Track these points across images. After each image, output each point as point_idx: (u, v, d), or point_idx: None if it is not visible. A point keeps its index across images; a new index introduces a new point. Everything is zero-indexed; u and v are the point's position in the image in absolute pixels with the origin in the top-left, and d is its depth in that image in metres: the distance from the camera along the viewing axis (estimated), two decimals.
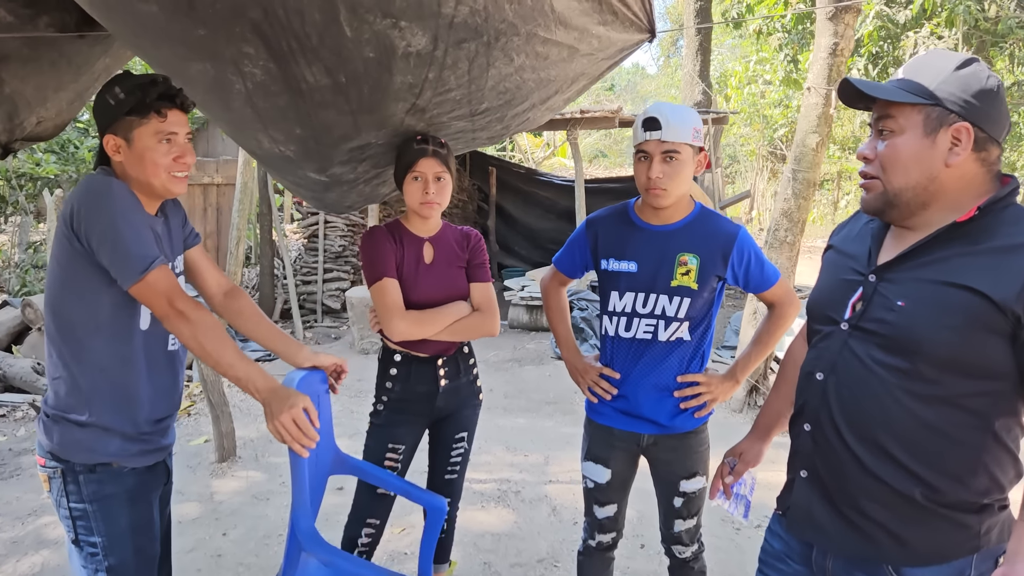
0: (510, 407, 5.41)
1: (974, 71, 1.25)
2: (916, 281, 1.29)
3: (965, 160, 1.25)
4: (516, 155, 16.88)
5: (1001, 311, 1.18)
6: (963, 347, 1.22)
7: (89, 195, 1.65)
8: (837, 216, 18.09)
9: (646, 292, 2.00)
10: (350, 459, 2.22)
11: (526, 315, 8.04)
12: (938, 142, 1.25)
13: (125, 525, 1.75)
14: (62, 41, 2.78)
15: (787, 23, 10.29)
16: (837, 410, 1.37)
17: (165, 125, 1.72)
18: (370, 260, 2.22)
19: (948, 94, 1.24)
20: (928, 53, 1.31)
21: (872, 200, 1.34)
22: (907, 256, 1.31)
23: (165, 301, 1.63)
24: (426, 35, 1.78)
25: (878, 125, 1.31)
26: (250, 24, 1.70)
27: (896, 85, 1.29)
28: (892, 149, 1.28)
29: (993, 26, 9.58)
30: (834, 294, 1.44)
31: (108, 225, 1.62)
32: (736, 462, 1.81)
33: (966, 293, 1.21)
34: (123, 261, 1.62)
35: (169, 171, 1.74)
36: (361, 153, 2.25)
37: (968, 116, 1.23)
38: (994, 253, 1.21)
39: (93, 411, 1.71)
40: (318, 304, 8.67)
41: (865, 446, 1.32)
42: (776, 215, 4.99)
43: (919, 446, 1.27)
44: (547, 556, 3.14)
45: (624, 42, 2.37)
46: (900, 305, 1.29)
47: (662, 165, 1.91)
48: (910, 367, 1.26)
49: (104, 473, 1.72)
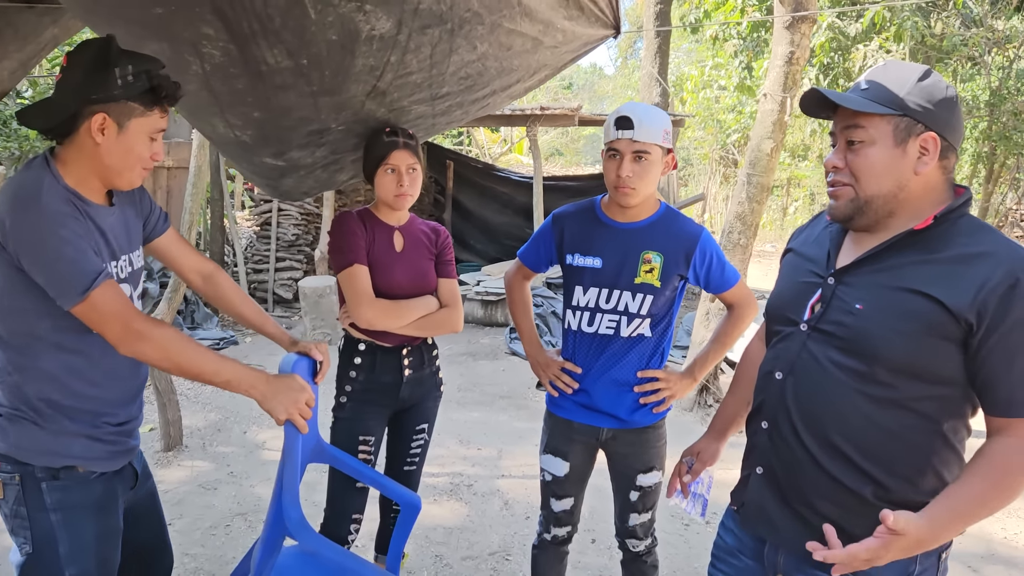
0: (464, 401, 5.40)
1: (935, 81, 1.29)
2: (874, 286, 1.32)
3: (931, 169, 1.29)
4: (473, 150, 16.83)
5: (955, 318, 1.22)
6: (917, 352, 1.25)
7: (16, 205, 1.46)
8: (786, 222, 18.51)
9: (610, 288, 2.02)
10: (330, 449, 2.17)
11: (481, 310, 8.02)
12: (908, 152, 1.28)
13: (91, 535, 1.62)
14: (8, 11, 2.67)
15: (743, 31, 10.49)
16: (794, 409, 1.40)
17: (161, 123, 1.60)
18: (339, 246, 2.18)
19: (915, 104, 1.26)
20: (888, 64, 1.34)
21: (843, 207, 1.35)
22: (865, 260, 1.34)
23: (117, 323, 1.47)
24: (390, 19, 1.76)
25: (846, 135, 1.32)
26: (210, 5, 1.65)
27: (861, 95, 1.30)
28: (865, 159, 1.30)
29: (939, 42, 9.93)
30: (793, 296, 1.46)
31: (39, 241, 1.44)
32: (694, 461, 1.82)
33: (923, 300, 1.24)
34: (60, 280, 1.46)
35: (143, 166, 1.61)
36: (320, 138, 2.22)
37: (933, 126, 1.27)
38: (950, 262, 1.25)
39: (45, 416, 1.56)
40: (269, 293, 8.50)
41: (820, 445, 1.35)
42: (730, 218, 5.07)
43: (872, 446, 1.31)
44: (499, 549, 3.14)
45: (589, 37, 2.38)
46: (858, 308, 1.32)
47: (632, 164, 1.92)
48: (866, 369, 1.30)
49: (69, 479, 1.58)
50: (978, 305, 1.20)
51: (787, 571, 1.43)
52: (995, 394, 1.24)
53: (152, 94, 1.55)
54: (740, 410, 1.71)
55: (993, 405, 1.25)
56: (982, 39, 9.75)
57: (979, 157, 11.92)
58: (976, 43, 9.81)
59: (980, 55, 10.10)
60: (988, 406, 1.26)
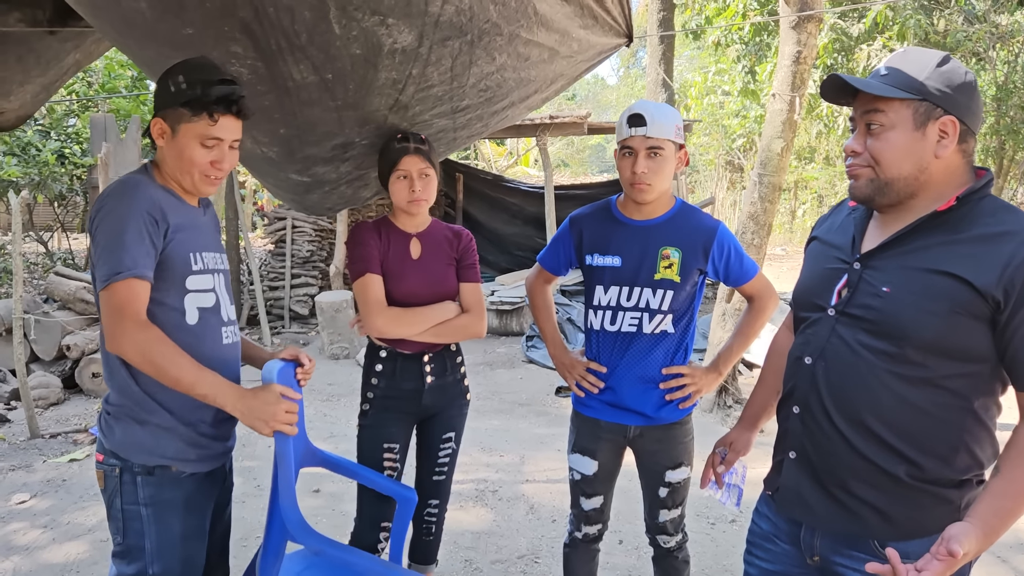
0: (484, 409, 5.43)
1: (954, 67, 1.32)
2: (901, 268, 1.34)
3: (951, 152, 1.31)
4: (480, 163, 16.91)
5: (982, 297, 1.24)
6: (946, 331, 1.27)
7: (102, 197, 1.63)
8: (795, 224, 18.48)
9: (630, 286, 2.05)
10: (320, 451, 2.21)
11: (496, 320, 8.07)
12: (928, 135, 1.30)
13: (177, 533, 1.70)
14: (32, 36, 2.75)
15: (745, 35, 10.54)
16: (826, 393, 1.41)
17: (213, 130, 1.66)
18: (353, 256, 2.22)
19: (934, 89, 1.29)
20: (907, 51, 1.36)
21: (863, 187, 1.37)
22: (890, 244, 1.37)
23: (114, 318, 1.55)
24: (412, 32, 1.81)
25: (865, 119, 1.35)
26: (239, 23, 1.70)
27: (881, 81, 1.33)
28: (885, 142, 1.32)
29: (942, 39, 9.95)
30: (820, 282, 1.48)
31: (103, 227, 1.60)
32: (727, 452, 1.84)
33: (950, 280, 1.27)
34: (100, 263, 1.59)
35: (202, 172, 1.70)
36: (344, 152, 2.26)
37: (953, 110, 1.29)
38: (974, 242, 1.28)
39: (150, 411, 1.67)
40: (286, 310, 8.58)
41: (853, 427, 1.37)
42: (743, 218, 5.10)
43: (905, 426, 1.33)
44: (527, 552, 3.16)
45: (603, 45, 2.42)
46: (885, 291, 1.34)
47: (647, 161, 1.96)
48: (896, 351, 1.32)
49: (163, 476, 1.68)
50: (1004, 283, 1.23)
51: (824, 553, 1.45)
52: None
53: (200, 100, 1.63)
54: (770, 399, 1.73)
55: (1022, 380, 1.27)
56: (986, 34, 9.77)
57: (988, 152, 11.91)
58: (980, 39, 9.82)
59: (984, 50, 10.12)
60: (1018, 382, 1.28)
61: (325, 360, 7.03)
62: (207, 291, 1.75)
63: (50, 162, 7.86)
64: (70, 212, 11.60)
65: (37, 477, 4.04)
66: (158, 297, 1.64)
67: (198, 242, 1.74)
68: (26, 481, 3.99)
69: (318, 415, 5.21)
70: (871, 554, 1.37)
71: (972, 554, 1.18)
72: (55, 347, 5.74)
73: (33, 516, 3.52)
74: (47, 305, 6.24)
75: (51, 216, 11.42)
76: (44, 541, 3.27)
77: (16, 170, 7.64)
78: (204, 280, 1.74)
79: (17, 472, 4.13)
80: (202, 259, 1.74)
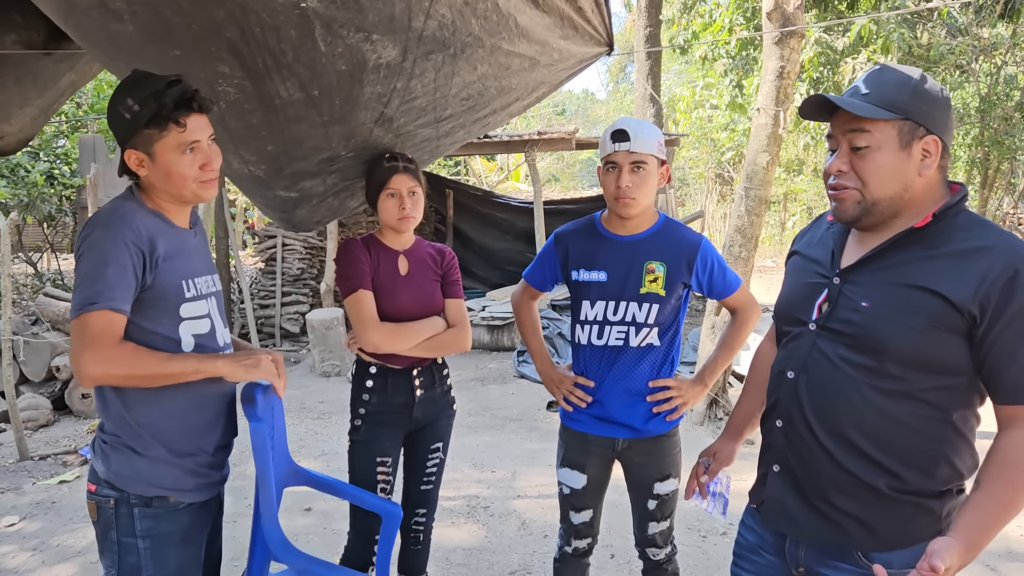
0: (475, 425, 5.42)
1: (932, 85, 1.34)
2: (879, 283, 1.36)
3: (933, 170, 1.33)
4: (470, 179, 16.97)
5: (959, 312, 1.26)
6: (925, 345, 1.29)
7: (88, 223, 1.60)
8: (785, 236, 18.57)
9: (616, 300, 2.07)
10: (304, 470, 2.22)
11: (487, 335, 8.06)
12: (912, 155, 1.31)
13: (174, 567, 1.68)
14: (28, 58, 2.76)
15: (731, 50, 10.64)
16: (808, 406, 1.43)
17: (186, 134, 1.60)
18: (344, 273, 2.24)
19: (916, 108, 1.30)
20: (883, 68, 1.37)
21: (850, 209, 1.37)
22: (869, 259, 1.38)
23: (83, 346, 1.50)
24: (396, 47, 1.84)
25: (849, 139, 1.34)
26: (226, 44, 1.72)
27: (863, 100, 1.33)
28: (873, 163, 1.32)
29: (926, 52, 10.07)
30: (800, 296, 1.50)
31: (86, 254, 1.56)
32: (711, 462, 1.85)
33: (927, 295, 1.28)
34: (77, 291, 1.54)
35: (197, 179, 1.65)
36: (330, 165, 2.29)
37: (934, 128, 1.31)
38: (951, 257, 1.29)
39: (144, 442, 1.63)
40: (276, 328, 8.55)
41: (834, 440, 1.39)
42: (730, 232, 5.14)
43: (885, 439, 1.34)
44: (519, 568, 3.15)
45: (584, 54, 2.46)
46: (864, 306, 1.35)
47: (631, 175, 1.98)
48: (876, 364, 1.33)
49: (160, 508, 1.65)
50: (980, 298, 1.25)
51: (809, 564, 1.46)
52: (1001, 382, 1.27)
53: (160, 114, 1.57)
54: (754, 411, 1.74)
55: (999, 393, 1.29)
56: (968, 47, 9.90)
57: (973, 163, 12.02)
58: (963, 51, 9.95)
59: (968, 63, 10.24)
60: (995, 394, 1.30)
61: (316, 378, 7.01)
62: (202, 317, 1.72)
63: (39, 183, 7.86)
64: (59, 233, 11.57)
65: (26, 499, 4.01)
66: (151, 327, 1.62)
67: (189, 268, 1.71)
68: (15, 503, 3.95)
69: (309, 433, 5.19)
70: (855, 565, 1.38)
71: (955, 568, 1.19)
72: (44, 368, 5.70)
73: (22, 539, 3.49)
74: (36, 326, 6.21)
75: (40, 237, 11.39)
76: (33, 564, 3.24)
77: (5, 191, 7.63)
78: (198, 307, 1.71)
79: (6, 494, 4.09)
80: (195, 285, 1.71)
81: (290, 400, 6.09)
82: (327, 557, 2.99)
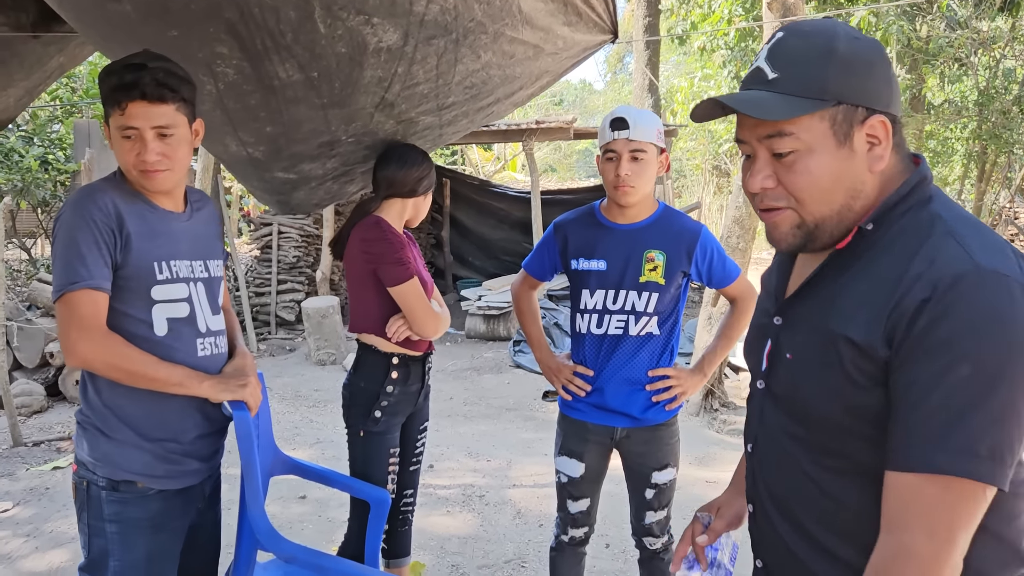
0: (470, 414, 5.42)
1: (857, 42, 0.96)
2: (804, 326, 1.05)
3: (887, 158, 0.98)
4: (467, 168, 16.93)
5: (869, 357, 0.93)
6: (849, 407, 0.96)
7: (68, 201, 1.61)
8: None
9: (616, 289, 2.06)
10: (290, 459, 2.22)
11: (483, 325, 8.06)
12: (856, 148, 0.96)
13: (142, 554, 1.63)
14: (14, 40, 2.72)
15: (730, 41, 10.61)
16: (763, 490, 1.13)
17: (124, 119, 1.55)
18: (398, 258, 2.14)
19: (848, 85, 0.94)
20: (785, 35, 0.99)
21: (788, 236, 1.02)
22: (801, 291, 1.07)
23: (71, 325, 1.50)
24: (397, 31, 1.81)
25: (768, 145, 0.99)
26: (224, 24, 1.70)
27: (771, 90, 0.96)
28: (805, 174, 0.97)
29: (925, 45, 10.06)
30: (752, 343, 1.18)
31: (59, 236, 1.56)
32: (711, 518, 1.34)
33: (840, 341, 0.96)
34: (55, 274, 1.55)
35: (136, 168, 1.58)
36: (331, 149, 2.27)
37: (876, 104, 0.95)
38: (873, 282, 0.96)
39: (111, 426, 1.61)
40: (271, 316, 8.53)
41: (790, 528, 1.08)
42: (728, 223, 5.13)
43: (842, 527, 1.01)
44: (514, 557, 3.15)
45: (587, 42, 2.44)
46: (788, 358, 1.05)
47: (630, 164, 1.97)
48: (806, 434, 1.03)
49: (128, 493, 1.61)
50: (887, 332, 0.92)
51: None
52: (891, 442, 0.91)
53: (108, 95, 1.56)
54: None
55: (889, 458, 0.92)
56: (967, 40, 9.88)
57: (970, 157, 12.02)
58: (962, 44, 9.93)
59: (966, 56, 10.23)
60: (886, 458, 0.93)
61: (311, 366, 6.99)
62: (179, 301, 1.66)
63: (33, 168, 7.79)
64: (53, 218, 11.49)
65: (20, 485, 3.99)
66: (121, 308, 1.59)
67: (166, 250, 1.65)
68: (8, 490, 3.93)
69: (304, 421, 5.18)
70: None
71: None
72: (38, 354, 5.68)
73: (16, 525, 3.48)
74: (30, 312, 6.18)
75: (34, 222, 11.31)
76: (27, 550, 3.22)
77: None
78: (174, 290, 1.66)
79: (0, 481, 4.08)
80: (170, 268, 1.65)
81: (285, 388, 6.08)
82: (321, 545, 3.00)
